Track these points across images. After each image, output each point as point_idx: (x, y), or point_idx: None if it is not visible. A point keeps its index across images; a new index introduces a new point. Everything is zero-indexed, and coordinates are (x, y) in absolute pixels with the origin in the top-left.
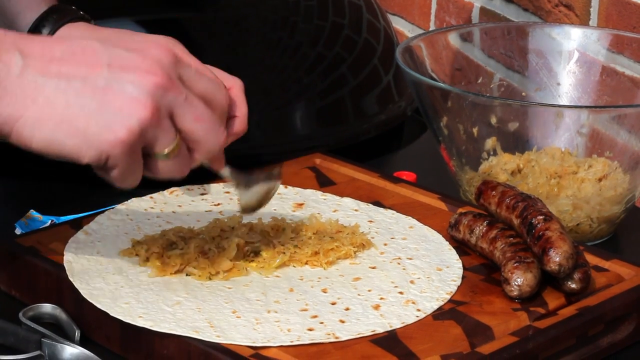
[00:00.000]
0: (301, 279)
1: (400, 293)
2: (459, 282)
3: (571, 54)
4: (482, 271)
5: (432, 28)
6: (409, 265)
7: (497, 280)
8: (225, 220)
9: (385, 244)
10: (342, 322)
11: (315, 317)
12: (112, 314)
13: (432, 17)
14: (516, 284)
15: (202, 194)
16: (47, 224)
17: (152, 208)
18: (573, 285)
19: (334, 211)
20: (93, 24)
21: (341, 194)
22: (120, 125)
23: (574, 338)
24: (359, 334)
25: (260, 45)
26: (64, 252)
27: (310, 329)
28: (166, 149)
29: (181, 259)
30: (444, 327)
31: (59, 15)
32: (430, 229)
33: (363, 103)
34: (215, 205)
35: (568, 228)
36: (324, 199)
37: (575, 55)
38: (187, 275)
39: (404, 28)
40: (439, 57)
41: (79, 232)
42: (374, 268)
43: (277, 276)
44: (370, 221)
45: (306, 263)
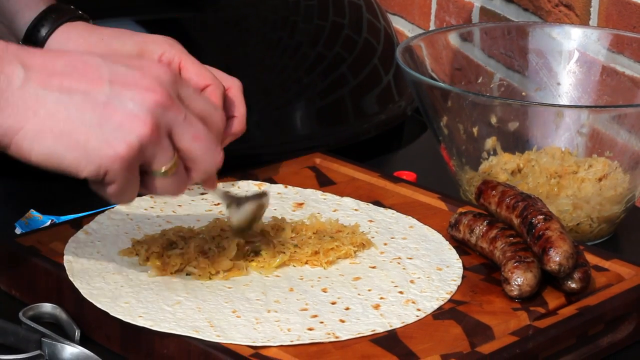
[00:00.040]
0: (301, 279)
1: (400, 293)
2: (459, 281)
3: (571, 54)
4: (482, 271)
5: (432, 28)
6: (409, 264)
7: (497, 280)
8: (225, 220)
9: (385, 244)
10: (342, 321)
11: (315, 316)
12: (112, 313)
13: (432, 17)
14: (516, 283)
15: (202, 194)
16: (47, 224)
17: (152, 208)
18: (573, 285)
19: (334, 211)
20: (92, 23)
21: (341, 193)
22: (120, 141)
23: (574, 338)
24: (359, 334)
25: (260, 45)
26: (64, 252)
27: (310, 329)
28: (164, 167)
29: (181, 258)
30: (444, 327)
31: (57, 14)
32: (430, 228)
33: (363, 103)
34: (215, 205)
35: (568, 228)
36: (324, 199)
37: (576, 55)
38: (187, 274)
39: (404, 28)
40: (439, 57)
41: (79, 231)
42: (374, 268)
43: (277, 276)
44: (370, 221)
45: (306, 263)
